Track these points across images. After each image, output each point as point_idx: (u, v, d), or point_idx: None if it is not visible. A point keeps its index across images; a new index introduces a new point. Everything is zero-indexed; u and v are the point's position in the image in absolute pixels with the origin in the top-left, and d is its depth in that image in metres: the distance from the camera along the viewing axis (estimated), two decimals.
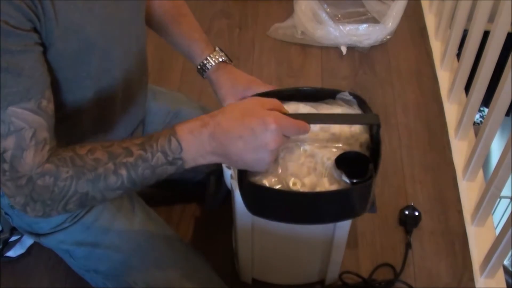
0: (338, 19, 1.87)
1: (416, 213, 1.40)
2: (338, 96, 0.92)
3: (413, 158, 1.54)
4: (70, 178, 0.75)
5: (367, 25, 1.81)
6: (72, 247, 1.05)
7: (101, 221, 1.04)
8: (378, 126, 0.84)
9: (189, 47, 1.06)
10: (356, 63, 1.80)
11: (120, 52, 0.89)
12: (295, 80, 1.76)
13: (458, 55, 1.63)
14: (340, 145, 0.86)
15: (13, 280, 1.30)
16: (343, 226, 1.09)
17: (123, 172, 0.76)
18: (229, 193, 1.04)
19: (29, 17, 0.70)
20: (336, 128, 0.89)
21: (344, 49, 1.82)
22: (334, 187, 0.82)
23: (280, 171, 0.84)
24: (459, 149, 1.54)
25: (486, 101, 1.76)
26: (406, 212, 1.40)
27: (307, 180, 0.82)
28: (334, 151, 0.85)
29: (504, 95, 1.23)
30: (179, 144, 0.75)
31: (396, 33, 1.87)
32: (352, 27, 1.80)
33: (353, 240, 1.36)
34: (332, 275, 1.25)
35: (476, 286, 1.28)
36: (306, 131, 0.79)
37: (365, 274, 1.30)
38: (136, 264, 1.05)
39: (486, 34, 1.40)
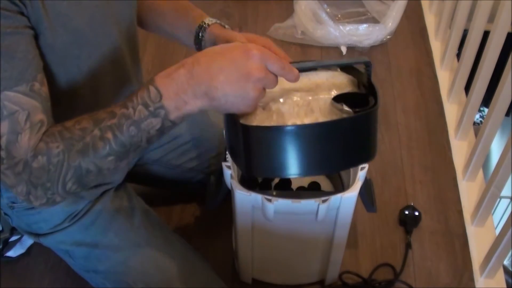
0: (338, 19, 1.87)
1: (416, 213, 1.40)
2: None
3: (413, 158, 1.54)
4: (62, 152, 0.73)
5: (367, 25, 1.81)
6: (71, 248, 1.05)
7: (100, 221, 1.04)
8: (368, 64, 0.78)
9: (187, 15, 1.04)
10: None
11: (112, 47, 0.89)
12: None
13: (458, 55, 1.63)
14: (332, 92, 0.79)
15: (13, 280, 1.30)
16: (343, 226, 1.09)
17: (109, 135, 0.73)
18: (229, 193, 1.04)
19: (14, 2, 0.69)
20: (322, 82, 0.84)
21: (344, 49, 1.82)
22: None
23: (275, 117, 0.77)
24: (459, 149, 1.54)
25: (486, 101, 1.76)
26: (406, 212, 1.40)
27: (307, 120, 0.75)
28: (327, 97, 0.78)
29: (504, 95, 1.23)
30: (158, 90, 0.72)
31: (396, 33, 1.87)
32: (352, 27, 1.80)
33: (353, 240, 1.36)
34: (332, 275, 1.25)
35: (476, 286, 1.28)
36: (294, 74, 0.74)
37: (365, 274, 1.30)
38: (135, 265, 1.05)
39: (486, 34, 1.40)
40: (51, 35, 0.76)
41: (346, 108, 0.75)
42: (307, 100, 0.78)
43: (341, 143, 0.74)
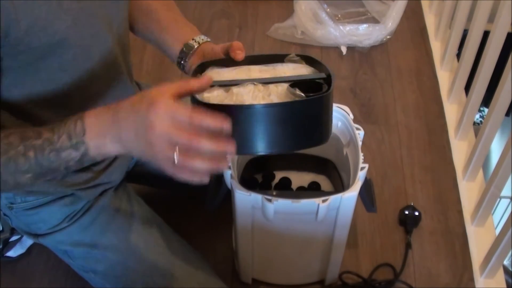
0: (338, 19, 1.87)
1: (416, 213, 1.40)
2: (286, 59, 0.92)
3: (413, 158, 1.54)
4: None
5: (367, 25, 1.81)
6: (70, 248, 1.05)
7: (99, 222, 1.04)
8: (329, 75, 0.83)
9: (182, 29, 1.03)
10: (356, 63, 1.80)
11: (102, 49, 0.88)
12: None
13: (458, 55, 1.63)
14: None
15: (13, 280, 1.30)
16: (343, 226, 1.09)
17: (31, 154, 0.75)
18: (229, 193, 1.04)
19: None
20: (288, 72, 0.88)
21: (344, 49, 1.82)
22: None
23: (234, 98, 0.80)
24: (459, 149, 1.54)
25: (486, 101, 1.76)
26: (406, 212, 1.40)
27: (263, 102, 0.79)
28: (286, 84, 0.82)
29: (504, 95, 1.23)
30: (83, 126, 0.74)
31: (396, 33, 1.87)
32: (352, 27, 1.80)
33: (353, 240, 1.36)
34: (332, 275, 1.25)
35: (476, 286, 1.28)
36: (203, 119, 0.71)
37: (365, 274, 1.30)
38: (134, 265, 1.05)
39: (486, 34, 1.40)
40: (28, 39, 0.75)
41: (299, 92, 0.79)
42: (267, 86, 0.82)
43: (292, 125, 0.79)
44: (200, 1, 1.99)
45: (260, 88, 0.82)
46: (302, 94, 0.79)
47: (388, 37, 1.85)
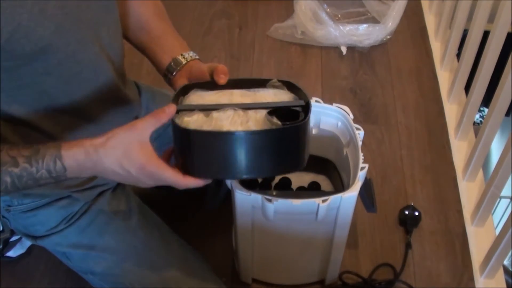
0: (338, 19, 1.87)
1: (416, 213, 1.40)
2: (268, 84, 0.93)
3: (413, 158, 1.54)
4: None
5: (367, 25, 1.81)
6: (68, 250, 1.05)
7: (96, 223, 1.03)
8: (307, 103, 0.84)
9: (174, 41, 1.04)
10: (356, 63, 1.80)
11: (90, 54, 0.88)
12: (295, 80, 1.74)
13: (458, 55, 1.63)
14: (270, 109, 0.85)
15: (13, 280, 1.30)
16: (343, 226, 1.09)
17: (7, 179, 0.78)
18: (229, 193, 1.04)
19: None
20: (269, 98, 0.89)
21: (344, 49, 1.82)
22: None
23: (213, 123, 0.82)
24: (459, 149, 1.54)
25: (486, 101, 1.76)
26: (406, 212, 1.40)
27: (241, 129, 0.81)
28: (264, 111, 0.84)
29: (504, 95, 1.23)
30: (63, 167, 0.79)
31: (396, 33, 1.87)
32: (352, 27, 1.80)
33: (353, 240, 1.36)
34: (332, 275, 1.25)
35: (476, 286, 1.28)
36: (181, 182, 0.82)
37: (365, 274, 1.30)
38: (132, 266, 1.05)
39: (486, 34, 1.40)
40: (10, 47, 0.75)
41: (276, 120, 0.81)
42: (247, 112, 0.83)
43: (268, 152, 0.81)
44: (200, 1, 1.99)
45: (239, 114, 0.83)
46: (279, 122, 0.80)
47: (388, 37, 1.85)
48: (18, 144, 0.80)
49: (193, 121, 0.82)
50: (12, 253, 1.32)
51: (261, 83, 0.93)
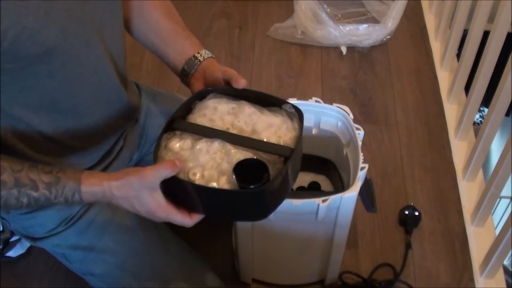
0: (338, 19, 1.87)
1: (416, 213, 1.40)
2: (283, 106, 0.92)
3: (413, 158, 1.54)
4: None
5: (367, 25, 1.81)
6: (67, 251, 1.05)
7: (96, 225, 1.03)
8: (286, 158, 0.84)
9: (185, 40, 1.04)
10: (356, 63, 1.80)
11: (93, 56, 0.88)
12: (295, 80, 1.76)
13: (458, 55, 1.63)
14: (260, 153, 0.85)
15: (13, 280, 1.30)
16: (343, 226, 1.09)
17: (24, 200, 0.81)
18: None
19: None
20: (267, 122, 0.89)
21: (344, 49, 1.83)
22: (226, 187, 0.82)
23: (191, 157, 0.85)
24: (459, 149, 1.54)
25: (486, 101, 1.76)
26: (406, 212, 1.40)
27: (206, 173, 0.83)
28: (248, 155, 0.85)
29: (504, 95, 1.23)
30: (81, 199, 0.83)
31: (396, 33, 1.87)
32: (352, 27, 1.80)
33: (353, 240, 1.36)
34: (332, 275, 1.25)
35: (476, 286, 1.28)
36: (189, 223, 0.86)
37: (365, 274, 1.30)
38: (131, 268, 1.05)
39: (486, 34, 1.40)
40: (15, 49, 0.75)
41: (234, 180, 0.81)
42: (230, 150, 0.85)
43: (224, 206, 0.85)
44: (200, 1, 1.99)
45: (222, 151, 0.85)
46: (236, 184, 0.81)
47: (388, 37, 1.85)
48: (37, 165, 0.82)
49: (179, 149, 0.86)
50: (12, 253, 1.32)
51: (277, 103, 0.92)
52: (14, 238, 1.32)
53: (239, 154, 0.84)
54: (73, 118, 0.92)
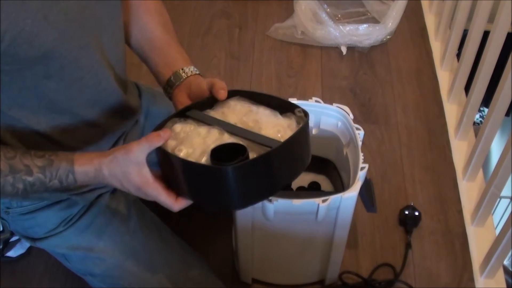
0: (338, 19, 1.87)
1: (416, 213, 1.40)
2: (295, 110, 0.90)
3: (413, 158, 1.54)
4: None
5: (367, 25, 1.81)
6: (67, 251, 1.05)
7: (95, 225, 1.03)
8: (271, 148, 0.82)
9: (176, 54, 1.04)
10: (356, 63, 1.80)
11: (92, 60, 0.88)
12: (295, 80, 1.76)
13: (458, 55, 1.63)
14: (251, 143, 0.84)
15: (13, 280, 1.30)
16: (343, 226, 1.09)
17: (20, 185, 0.82)
18: None
19: None
20: (263, 124, 0.88)
21: (344, 49, 1.83)
22: None
23: (184, 140, 0.85)
24: (459, 149, 1.54)
25: (486, 101, 1.76)
26: (406, 212, 1.40)
27: (191, 151, 0.83)
28: (237, 141, 0.84)
29: (504, 95, 1.23)
30: (75, 179, 0.84)
31: (396, 33, 1.87)
32: (352, 27, 1.80)
33: (353, 240, 1.36)
34: (332, 275, 1.25)
35: (476, 286, 1.28)
36: (174, 206, 0.85)
37: (365, 274, 1.30)
38: (131, 268, 1.05)
39: (486, 34, 1.40)
40: (12, 51, 0.75)
41: (210, 160, 0.81)
42: (222, 137, 0.85)
43: (202, 185, 0.83)
44: (200, 1, 1.99)
45: (216, 138, 0.84)
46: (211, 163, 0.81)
47: (388, 37, 1.85)
48: (29, 151, 0.83)
49: (180, 129, 0.86)
50: (12, 253, 1.32)
51: (288, 108, 0.91)
52: (14, 238, 1.32)
53: (230, 140, 0.84)
54: (72, 119, 0.92)
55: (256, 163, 0.80)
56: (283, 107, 0.92)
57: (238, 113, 0.90)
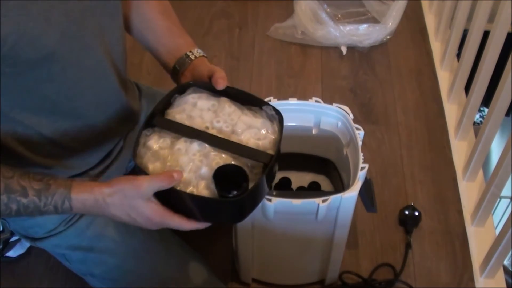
0: (338, 19, 1.87)
1: (416, 213, 1.40)
2: (264, 108, 0.91)
3: (413, 158, 1.54)
4: None
5: (367, 25, 1.81)
6: (67, 251, 1.05)
7: (96, 225, 1.03)
8: (265, 164, 0.84)
9: (178, 39, 1.04)
10: (356, 63, 1.80)
11: (93, 61, 0.88)
12: (295, 80, 1.76)
13: (458, 55, 1.63)
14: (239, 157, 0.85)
15: (13, 280, 1.30)
16: (343, 226, 1.09)
17: (14, 206, 0.80)
18: None
19: None
20: (247, 122, 0.89)
21: (344, 49, 1.82)
22: (204, 192, 0.82)
23: (170, 157, 0.84)
24: (459, 149, 1.54)
25: (486, 101, 1.76)
26: (406, 212, 1.40)
27: (186, 176, 0.82)
28: (227, 159, 0.84)
29: (504, 95, 1.23)
30: (71, 207, 0.82)
31: (396, 33, 1.87)
32: (352, 27, 1.80)
33: (353, 240, 1.36)
34: (332, 275, 1.25)
35: (476, 286, 1.28)
36: (186, 225, 0.86)
37: (365, 274, 1.30)
38: (131, 268, 1.05)
39: (486, 34, 1.40)
40: (14, 54, 0.75)
41: (214, 188, 0.82)
42: (209, 154, 0.84)
43: (206, 210, 0.86)
44: (200, 1, 1.99)
45: (201, 153, 0.84)
46: (216, 193, 0.81)
47: (388, 37, 1.85)
48: (28, 172, 0.81)
49: (159, 149, 0.85)
50: (12, 253, 1.32)
51: (258, 103, 0.92)
52: (14, 238, 1.32)
53: (218, 158, 0.84)
54: (73, 120, 0.92)
55: (260, 185, 0.83)
56: (245, 99, 0.92)
57: (204, 113, 0.89)
